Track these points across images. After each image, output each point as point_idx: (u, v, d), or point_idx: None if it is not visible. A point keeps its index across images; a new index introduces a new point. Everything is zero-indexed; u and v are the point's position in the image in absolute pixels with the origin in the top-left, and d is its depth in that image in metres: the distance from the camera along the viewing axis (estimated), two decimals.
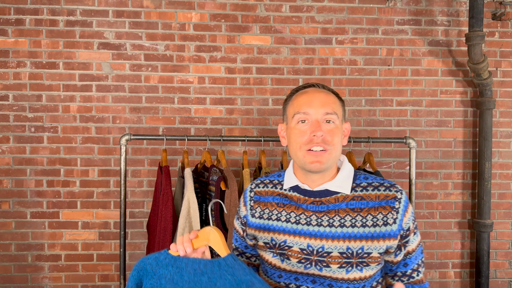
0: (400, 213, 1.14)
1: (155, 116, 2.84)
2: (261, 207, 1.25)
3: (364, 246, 1.13)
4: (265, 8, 2.86)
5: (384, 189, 1.17)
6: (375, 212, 1.14)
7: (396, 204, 1.14)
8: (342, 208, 1.16)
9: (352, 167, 1.23)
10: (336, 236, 1.14)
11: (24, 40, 2.77)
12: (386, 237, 1.13)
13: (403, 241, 1.15)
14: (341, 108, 1.21)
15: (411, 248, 1.17)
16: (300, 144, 1.16)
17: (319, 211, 1.17)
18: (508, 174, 3.00)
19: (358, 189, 1.18)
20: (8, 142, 2.77)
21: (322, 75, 2.90)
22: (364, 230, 1.13)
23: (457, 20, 2.96)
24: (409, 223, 1.15)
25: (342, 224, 1.14)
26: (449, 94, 2.97)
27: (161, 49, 2.83)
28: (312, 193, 1.19)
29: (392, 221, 1.13)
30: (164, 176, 2.02)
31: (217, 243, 1.11)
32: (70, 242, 2.82)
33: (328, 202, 1.17)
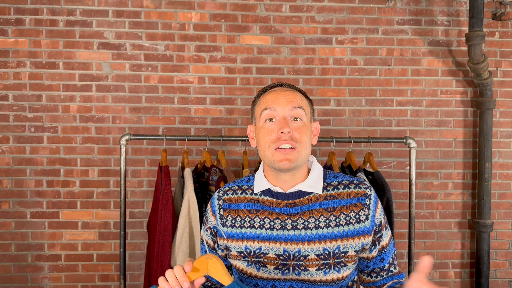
0: (371, 209, 1.15)
1: (155, 116, 2.83)
2: (232, 215, 1.19)
3: (340, 246, 1.11)
4: (265, 8, 2.86)
5: (354, 186, 1.17)
6: (347, 211, 1.14)
7: (366, 200, 1.15)
8: (315, 208, 1.14)
9: (321, 167, 1.22)
10: (312, 239, 1.12)
11: (24, 40, 2.77)
12: (360, 234, 1.13)
13: (377, 236, 1.16)
14: (309, 106, 1.19)
15: (385, 243, 1.18)
16: (268, 142, 1.12)
17: (293, 214, 1.14)
18: (508, 174, 3.00)
19: (330, 188, 1.17)
20: (8, 142, 2.77)
21: (322, 75, 2.90)
22: (339, 230, 1.12)
23: (457, 20, 2.96)
24: (381, 218, 1.17)
25: (317, 225, 1.12)
26: (449, 94, 2.97)
27: (161, 49, 2.82)
28: (285, 195, 1.16)
29: (364, 217, 1.14)
30: (164, 176, 2.02)
31: (218, 272, 1.01)
32: (70, 242, 2.82)
33: (302, 203, 1.15)
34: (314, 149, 2.90)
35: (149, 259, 2.17)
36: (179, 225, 1.96)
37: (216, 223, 1.21)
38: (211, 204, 1.25)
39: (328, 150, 2.89)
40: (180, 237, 1.95)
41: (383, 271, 1.20)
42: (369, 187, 1.18)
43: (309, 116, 1.18)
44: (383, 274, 1.20)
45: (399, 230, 2.93)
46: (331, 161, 2.17)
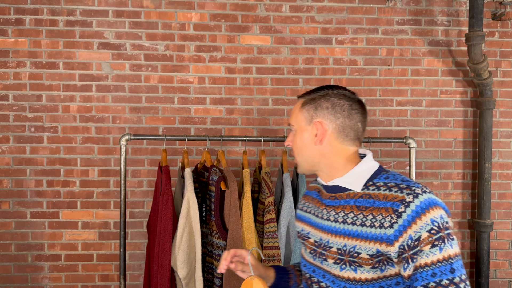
0: (403, 218, 1.03)
1: (155, 116, 2.84)
2: (305, 200, 1.36)
3: (356, 245, 1.10)
4: (265, 8, 2.86)
5: (396, 190, 1.09)
6: (376, 213, 1.08)
7: (401, 207, 1.04)
8: (349, 204, 1.16)
9: (375, 166, 1.21)
10: (337, 232, 1.15)
11: (24, 40, 2.77)
12: (377, 240, 1.06)
13: (411, 253, 1.01)
14: (301, 113, 1.24)
15: (423, 262, 1.00)
16: None
17: (331, 206, 1.21)
18: (508, 174, 3.00)
19: (371, 188, 1.14)
20: (8, 142, 2.77)
21: (322, 75, 2.90)
22: (362, 230, 1.10)
23: (457, 20, 2.96)
24: (421, 233, 1.01)
25: (344, 220, 1.14)
26: (449, 94, 2.97)
27: (161, 49, 2.82)
28: (329, 188, 1.24)
29: (388, 224, 1.05)
30: (164, 176, 2.02)
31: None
32: (70, 242, 2.82)
33: (341, 197, 1.19)
34: None
35: (149, 259, 2.17)
36: (179, 225, 1.96)
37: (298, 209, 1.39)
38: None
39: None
40: (180, 237, 1.95)
41: None
42: (414, 195, 1.05)
43: (302, 124, 1.25)
44: None
45: None
46: None
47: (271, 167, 2.85)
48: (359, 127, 1.20)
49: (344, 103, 1.19)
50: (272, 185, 2.04)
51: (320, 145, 1.21)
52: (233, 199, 1.95)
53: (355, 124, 1.20)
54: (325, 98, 1.21)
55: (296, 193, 2.11)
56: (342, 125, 1.19)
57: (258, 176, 2.20)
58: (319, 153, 1.22)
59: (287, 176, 2.07)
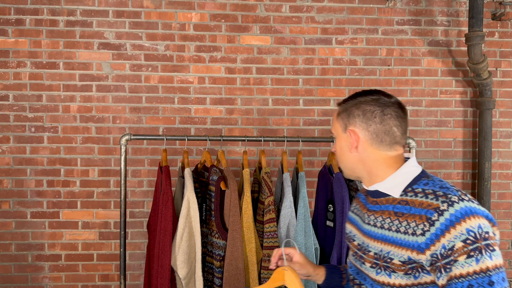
0: (435, 226, 1.02)
1: (155, 116, 2.84)
2: (356, 202, 1.39)
3: (390, 251, 1.12)
4: (265, 8, 2.87)
5: (432, 197, 1.07)
6: (411, 219, 1.08)
7: (434, 215, 1.03)
8: (388, 210, 1.17)
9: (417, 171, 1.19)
10: (375, 237, 1.18)
11: (24, 40, 2.77)
12: (409, 247, 1.06)
13: (444, 262, 1.00)
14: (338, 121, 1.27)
15: (458, 272, 0.98)
16: None
17: (372, 210, 1.24)
18: (508, 174, 3.01)
19: (409, 194, 1.14)
20: (8, 142, 2.78)
21: (322, 75, 2.90)
22: (396, 236, 1.11)
23: (457, 20, 2.97)
24: (455, 242, 0.99)
25: (382, 225, 1.17)
26: (449, 94, 2.97)
27: (161, 49, 2.83)
28: (371, 192, 1.26)
29: (420, 232, 1.04)
30: (164, 176, 2.03)
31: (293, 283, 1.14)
32: (70, 242, 2.82)
33: (381, 202, 1.21)
34: (313, 149, 2.90)
35: (149, 258, 2.17)
36: (179, 225, 1.96)
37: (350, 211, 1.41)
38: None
39: (328, 150, 2.90)
40: (180, 236, 1.96)
41: None
42: (449, 203, 1.03)
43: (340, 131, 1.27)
44: None
45: None
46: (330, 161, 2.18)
47: (271, 167, 2.85)
48: (395, 131, 1.18)
49: (375, 110, 1.19)
50: (272, 185, 2.04)
51: (356, 152, 1.22)
52: (233, 199, 1.96)
53: (389, 129, 1.18)
54: (356, 106, 1.21)
55: (296, 193, 2.12)
56: (375, 131, 1.19)
57: (258, 176, 2.20)
58: (357, 159, 1.24)
59: (287, 176, 2.07)
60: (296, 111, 2.90)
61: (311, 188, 2.83)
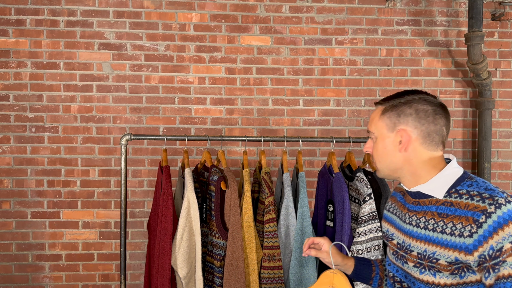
0: (483, 228, 1.04)
1: (156, 116, 2.84)
2: (391, 201, 1.39)
3: (436, 251, 1.13)
4: (265, 8, 2.87)
5: (478, 199, 1.09)
6: (457, 221, 1.10)
7: (481, 218, 1.05)
8: (431, 211, 1.18)
9: (459, 172, 1.19)
10: (417, 237, 1.19)
11: (25, 41, 2.78)
12: (456, 249, 1.08)
13: (492, 263, 1.03)
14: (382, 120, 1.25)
15: (507, 273, 1.01)
16: None
17: (413, 211, 1.24)
18: (507, 174, 3.01)
19: (454, 195, 1.15)
20: (8, 142, 2.78)
21: (322, 75, 2.90)
22: (442, 237, 1.12)
23: (456, 20, 2.97)
24: (503, 243, 1.02)
25: (425, 226, 1.17)
26: (448, 94, 2.98)
27: (162, 49, 2.83)
28: (411, 194, 1.26)
29: (468, 233, 1.06)
30: (165, 176, 2.03)
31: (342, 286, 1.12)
32: (71, 242, 2.82)
33: (423, 203, 1.21)
34: (313, 150, 2.91)
35: (150, 258, 2.17)
36: (179, 225, 1.97)
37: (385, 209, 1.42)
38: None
39: (328, 150, 2.90)
40: (181, 236, 1.96)
41: None
42: (496, 205, 1.05)
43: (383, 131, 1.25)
44: None
45: None
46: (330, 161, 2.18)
47: (271, 167, 2.85)
48: (444, 131, 1.21)
49: (428, 109, 1.20)
50: (272, 185, 2.04)
51: (405, 152, 1.21)
52: (233, 199, 1.96)
53: (440, 128, 1.20)
54: (407, 105, 1.21)
55: (296, 193, 2.12)
56: (427, 130, 1.19)
57: (258, 176, 2.21)
58: (403, 159, 1.22)
59: (287, 176, 2.08)
60: (296, 111, 2.90)
61: (311, 188, 2.84)
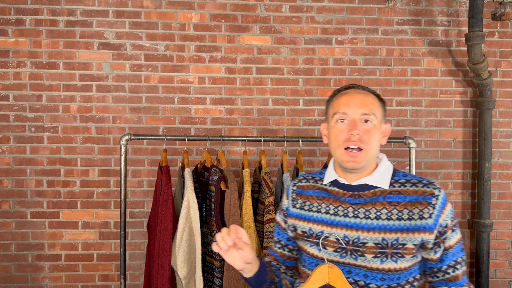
0: (436, 209, 1.18)
1: (155, 116, 2.84)
2: (302, 199, 1.34)
3: (399, 238, 1.17)
4: (265, 8, 2.87)
5: (422, 185, 1.22)
6: (411, 207, 1.19)
7: (433, 200, 1.19)
8: (379, 201, 1.22)
9: (391, 165, 1.29)
10: (372, 228, 1.20)
11: (25, 40, 2.77)
12: (421, 230, 1.17)
13: (442, 238, 1.19)
14: (381, 108, 1.26)
15: (448, 245, 1.20)
16: (339, 142, 1.23)
17: (356, 204, 1.24)
18: (508, 174, 3.01)
19: (396, 185, 1.24)
20: (8, 142, 2.78)
21: (322, 75, 2.90)
22: (400, 223, 1.18)
23: (457, 20, 2.97)
24: (447, 220, 1.19)
25: (378, 216, 1.20)
26: (449, 94, 2.97)
27: (161, 49, 2.83)
28: (351, 187, 1.26)
29: (427, 215, 1.17)
30: (164, 176, 2.03)
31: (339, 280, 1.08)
32: (70, 242, 2.82)
33: (366, 196, 1.24)
34: (313, 149, 2.91)
35: (149, 258, 2.17)
36: (179, 225, 1.96)
37: (288, 206, 1.36)
38: (286, 190, 1.41)
39: (328, 150, 2.90)
40: (180, 236, 1.96)
41: (440, 271, 1.21)
42: (438, 188, 1.22)
43: (380, 118, 1.26)
44: (439, 275, 1.22)
45: None
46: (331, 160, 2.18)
47: (271, 167, 2.85)
48: None
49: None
50: (272, 185, 2.04)
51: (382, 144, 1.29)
52: (233, 199, 1.96)
53: None
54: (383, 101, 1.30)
55: None
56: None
57: (258, 176, 2.20)
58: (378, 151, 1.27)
59: (287, 176, 2.07)
60: (296, 111, 2.90)
61: None
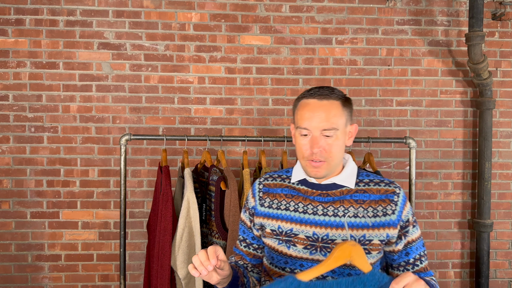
0: (398, 205, 1.27)
1: (155, 116, 2.84)
2: (270, 198, 1.35)
3: (365, 234, 1.24)
4: (265, 8, 2.86)
5: (384, 185, 1.30)
6: (375, 205, 1.27)
7: (395, 198, 1.28)
8: (346, 199, 1.28)
9: (356, 165, 1.36)
10: (340, 225, 1.25)
11: (24, 40, 2.77)
12: (386, 226, 1.25)
13: (403, 231, 1.27)
14: (345, 114, 1.28)
15: (411, 239, 1.29)
16: (302, 155, 1.28)
17: (325, 202, 1.28)
18: (508, 174, 3.00)
19: (361, 184, 1.31)
20: (8, 142, 2.77)
21: (322, 75, 2.90)
22: (366, 221, 1.25)
23: (457, 20, 2.96)
24: (408, 216, 1.28)
25: (346, 214, 1.26)
26: (449, 94, 2.97)
27: (161, 49, 2.83)
28: (319, 186, 1.31)
29: (391, 212, 1.26)
30: (164, 176, 2.02)
31: (360, 259, 1.06)
32: (70, 242, 2.82)
33: (334, 194, 1.29)
34: None
35: (149, 259, 2.17)
36: (179, 225, 1.96)
37: (254, 204, 1.37)
38: (252, 188, 1.42)
39: None
40: (180, 237, 1.95)
41: (408, 264, 1.30)
42: (398, 187, 1.31)
43: (344, 124, 1.28)
44: (408, 267, 1.30)
45: None
46: None
47: (271, 167, 2.85)
48: None
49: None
50: None
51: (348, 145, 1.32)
52: (233, 199, 1.96)
53: None
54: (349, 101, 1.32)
55: None
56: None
57: (258, 176, 2.20)
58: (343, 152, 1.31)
59: None
60: None
61: None
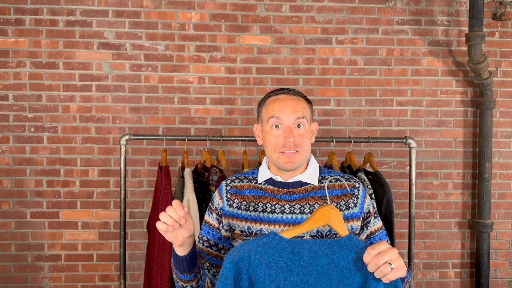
0: (360, 198, 1.34)
1: (155, 116, 2.83)
2: (238, 199, 1.36)
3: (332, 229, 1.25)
4: (265, 8, 2.86)
5: (345, 180, 1.37)
6: (338, 200, 1.33)
7: (355, 191, 1.35)
8: (311, 196, 1.32)
9: (318, 164, 1.41)
10: None
11: (24, 40, 2.77)
12: (349, 219, 1.30)
13: (365, 222, 1.34)
14: (309, 111, 1.36)
15: (373, 229, 1.35)
16: (275, 147, 1.31)
17: (291, 200, 1.32)
18: (508, 174, 3.00)
19: (324, 181, 1.36)
20: (8, 142, 2.77)
21: (322, 75, 2.90)
22: None
23: (457, 20, 2.96)
24: (369, 207, 1.35)
25: (312, 211, 1.30)
26: (449, 94, 2.97)
27: (161, 49, 2.82)
28: (286, 184, 1.35)
29: (353, 205, 1.32)
30: (164, 176, 2.02)
31: (338, 222, 1.09)
32: (70, 242, 2.82)
33: (299, 192, 1.34)
34: (314, 149, 2.90)
35: (149, 259, 2.17)
36: None
37: (222, 205, 1.37)
38: (218, 190, 1.42)
39: (328, 150, 2.89)
40: None
41: None
42: (357, 182, 1.38)
43: (310, 120, 1.35)
44: None
45: (399, 230, 2.93)
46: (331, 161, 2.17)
47: None
48: None
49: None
50: None
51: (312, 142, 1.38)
52: None
53: None
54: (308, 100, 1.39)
55: None
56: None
57: None
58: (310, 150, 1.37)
59: None
60: None
61: None
